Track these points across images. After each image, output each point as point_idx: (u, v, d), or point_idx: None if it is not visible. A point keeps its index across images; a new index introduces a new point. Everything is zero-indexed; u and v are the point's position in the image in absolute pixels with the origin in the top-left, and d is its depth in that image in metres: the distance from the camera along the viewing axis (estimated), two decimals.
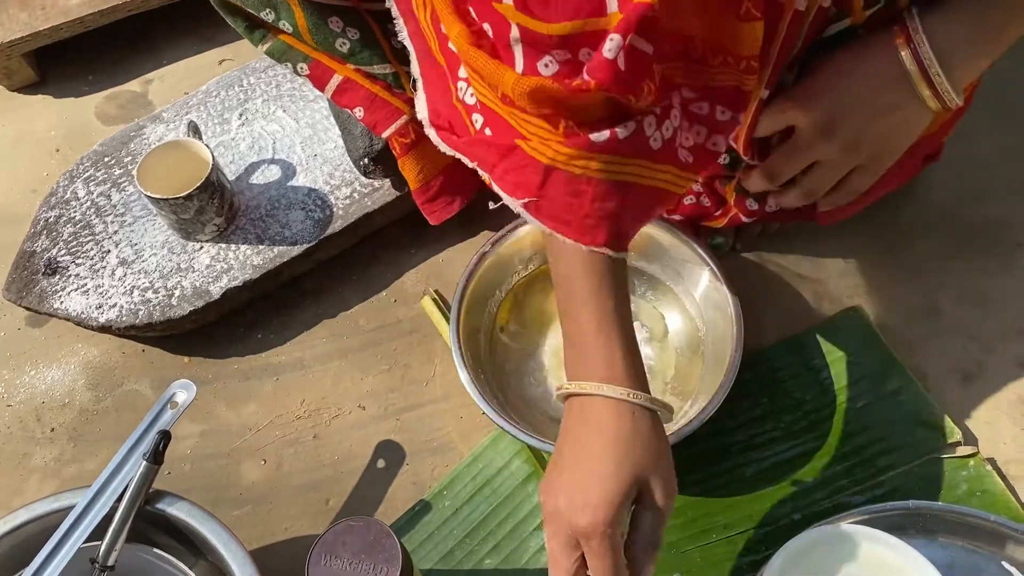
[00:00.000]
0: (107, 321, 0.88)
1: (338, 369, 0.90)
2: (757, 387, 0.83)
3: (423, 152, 0.87)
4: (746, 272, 0.91)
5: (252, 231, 0.92)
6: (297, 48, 0.83)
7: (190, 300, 0.88)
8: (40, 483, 0.86)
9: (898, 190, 0.84)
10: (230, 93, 1.02)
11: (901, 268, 0.91)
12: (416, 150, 0.87)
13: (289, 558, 0.79)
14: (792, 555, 0.66)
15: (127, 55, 1.17)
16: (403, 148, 0.86)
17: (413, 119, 0.87)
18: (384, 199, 0.93)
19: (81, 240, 0.93)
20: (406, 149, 0.87)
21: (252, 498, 0.83)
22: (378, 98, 0.84)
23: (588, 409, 0.59)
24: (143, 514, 0.70)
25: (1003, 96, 1.02)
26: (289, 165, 0.96)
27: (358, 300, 0.94)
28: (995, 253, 0.91)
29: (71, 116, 1.12)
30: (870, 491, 0.78)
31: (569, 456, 0.59)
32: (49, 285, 0.90)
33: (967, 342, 0.86)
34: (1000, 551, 0.71)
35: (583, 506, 0.56)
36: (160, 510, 0.70)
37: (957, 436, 0.79)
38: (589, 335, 0.59)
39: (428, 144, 0.89)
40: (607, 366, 0.59)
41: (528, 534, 0.78)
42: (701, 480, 0.80)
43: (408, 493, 0.82)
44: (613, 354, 0.59)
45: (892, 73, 0.64)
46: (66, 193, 0.96)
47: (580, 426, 0.59)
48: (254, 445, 0.86)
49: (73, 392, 0.91)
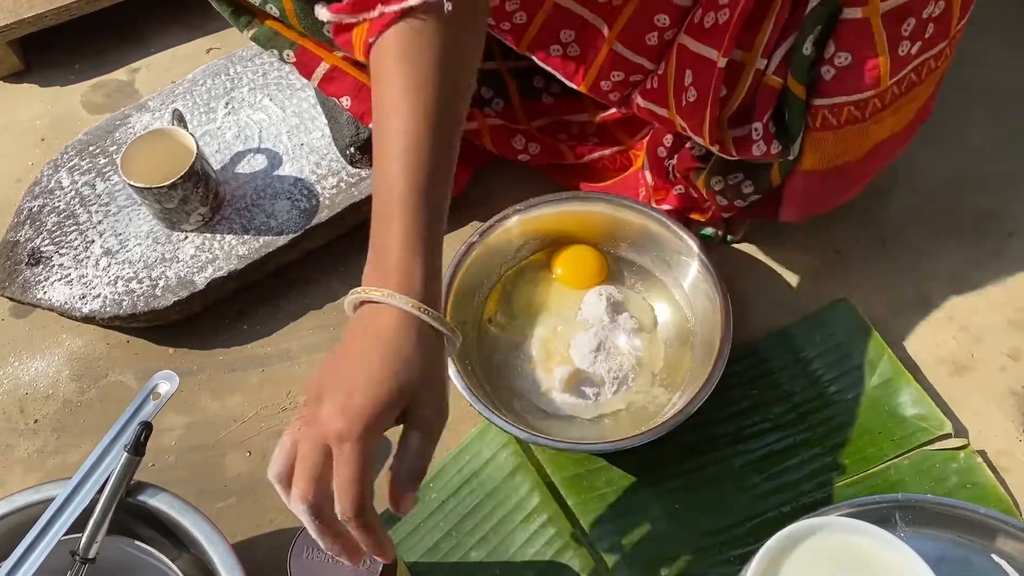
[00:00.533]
0: (91, 311, 0.87)
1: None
2: (746, 378, 0.83)
3: None
4: (736, 263, 0.90)
5: (237, 221, 0.91)
6: (284, 35, 0.82)
7: (175, 290, 0.88)
8: (23, 475, 0.85)
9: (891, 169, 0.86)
10: (216, 82, 1.01)
11: (892, 258, 0.90)
12: None
13: (273, 550, 0.78)
14: (780, 548, 0.66)
15: (114, 43, 1.16)
16: None
17: None
18: (371, 188, 0.92)
19: (65, 230, 0.92)
20: None
21: (237, 490, 0.82)
22: (365, 87, 0.83)
23: (376, 316, 0.56)
24: (125, 506, 0.69)
25: (995, 86, 1.01)
26: (275, 154, 0.95)
27: (345, 290, 0.91)
28: (986, 243, 0.91)
29: (56, 105, 1.11)
30: (859, 483, 0.77)
31: (343, 359, 0.56)
32: (32, 275, 0.89)
33: (958, 333, 0.85)
34: (990, 543, 0.70)
35: (344, 408, 0.52)
36: (142, 502, 0.70)
37: (947, 428, 0.78)
38: (395, 246, 0.57)
39: None
40: (405, 278, 0.56)
41: (515, 527, 0.77)
42: (688, 471, 0.79)
43: None
44: (414, 269, 0.57)
45: None
46: (50, 182, 0.95)
47: (362, 332, 0.56)
48: (239, 437, 0.85)
49: (57, 383, 0.90)
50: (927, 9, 0.67)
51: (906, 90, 0.72)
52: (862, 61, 0.68)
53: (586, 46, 0.77)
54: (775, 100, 0.73)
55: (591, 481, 0.79)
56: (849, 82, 0.69)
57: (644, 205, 0.86)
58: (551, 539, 0.77)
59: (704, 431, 0.80)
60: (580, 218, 0.87)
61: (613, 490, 0.79)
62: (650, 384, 0.82)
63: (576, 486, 0.79)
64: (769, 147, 0.74)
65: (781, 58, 0.70)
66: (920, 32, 0.68)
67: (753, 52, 0.70)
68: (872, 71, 0.69)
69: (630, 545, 0.76)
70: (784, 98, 0.72)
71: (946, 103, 0.99)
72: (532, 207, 0.86)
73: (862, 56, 0.68)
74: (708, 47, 0.71)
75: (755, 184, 0.80)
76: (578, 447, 0.77)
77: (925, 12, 0.67)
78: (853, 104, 0.71)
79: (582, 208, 0.87)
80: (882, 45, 0.68)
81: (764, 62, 0.71)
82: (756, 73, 0.71)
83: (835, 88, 0.70)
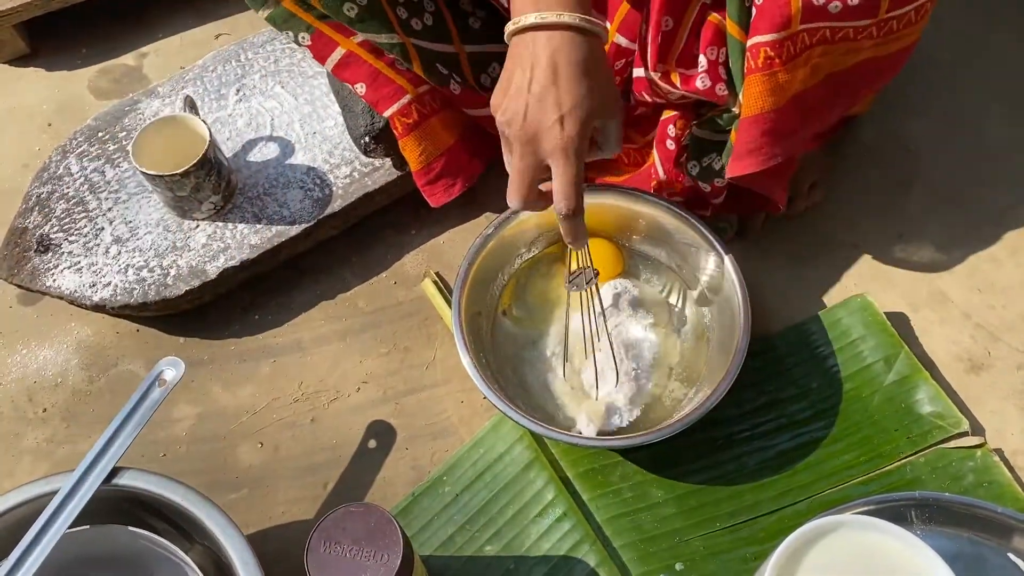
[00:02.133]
0: (101, 300, 0.86)
1: (337, 352, 0.88)
2: (763, 375, 0.82)
3: (425, 133, 0.85)
4: (752, 258, 0.89)
5: (249, 210, 0.90)
6: (300, 16, 0.80)
7: (186, 279, 0.87)
8: (32, 465, 0.84)
9: None
10: (227, 68, 1.00)
11: (909, 254, 0.90)
12: (418, 131, 0.85)
13: (286, 542, 0.78)
14: (796, 545, 0.65)
15: (121, 28, 1.14)
16: (405, 128, 0.84)
17: (417, 99, 0.85)
18: (385, 179, 0.92)
19: (74, 217, 0.91)
20: (408, 129, 0.85)
21: (249, 481, 0.82)
22: (381, 75, 0.82)
23: (549, 41, 0.64)
24: (138, 498, 0.69)
25: (1013, 86, 1.01)
26: (287, 143, 0.94)
27: (357, 282, 0.92)
28: (1004, 241, 0.90)
29: (64, 90, 1.10)
30: (875, 481, 0.77)
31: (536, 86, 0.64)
32: (41, 262, 0.88)
33: (974, 330, 0.85)
34: (1007, 542, 0.70)
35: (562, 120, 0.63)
36: (156, 494, 0.69)
37: (964, 426, 0.78)
38: None
39: (430, 125, 0.87)
40: None
41: (529, 521, 0.77)
42: (704, 469, 0.79)
43: (407, 478, 0.81)
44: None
45: None
46: (59, 168, 0.94)
47: (540, 58, 0.64)
48: (251, 428, 0.85)
49: (66, 372, 0.89)
50: None
51: (818, 42, 0.69)
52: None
53: None
54: (718, 39, 0.72)
55: (606, 476, 0.79)
56: (779, 14, 0.66)
57: (659, 197, 0.85)
58: (566, 534, 0.76)
59: (719, 428, 0.80)
60: (595, 210, 0.86)
61: (628, 485, 0.78)
62: (667, 378, 0.81)
63: (591, 481, 0.79)
64: (715, 86, 0.74)
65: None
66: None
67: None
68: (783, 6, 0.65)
69: (645, 540, 0.76)
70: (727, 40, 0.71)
71: (964, 99, 0.99)
72: None
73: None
74: None
75: (722, 156, 0.79)
76: (593, 442, 0.77)
77: None
78: (791, 38, 0.67)
79: (597, 200, 0.86)
80: None
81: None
82: (701, 7, 0.72)
83: (769, 23, 0.66)
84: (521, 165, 0.66)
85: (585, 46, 0.64)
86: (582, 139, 0.64)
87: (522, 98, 0.64)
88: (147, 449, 0.84)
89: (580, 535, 0.76)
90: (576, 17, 0.63)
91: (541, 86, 0.64)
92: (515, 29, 0.65)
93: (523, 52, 0.65)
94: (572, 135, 0.64)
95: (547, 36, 0.64)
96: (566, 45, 0.64)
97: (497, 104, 0.67)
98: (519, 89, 0.64)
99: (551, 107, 0.64)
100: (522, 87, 0.64)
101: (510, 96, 0.65)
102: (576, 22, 0.63)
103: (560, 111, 0.64)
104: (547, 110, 0.64)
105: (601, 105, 0.65)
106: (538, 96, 0.64)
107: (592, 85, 0.64)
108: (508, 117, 0.65)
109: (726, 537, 0.76)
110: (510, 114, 0.65)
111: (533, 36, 0.64)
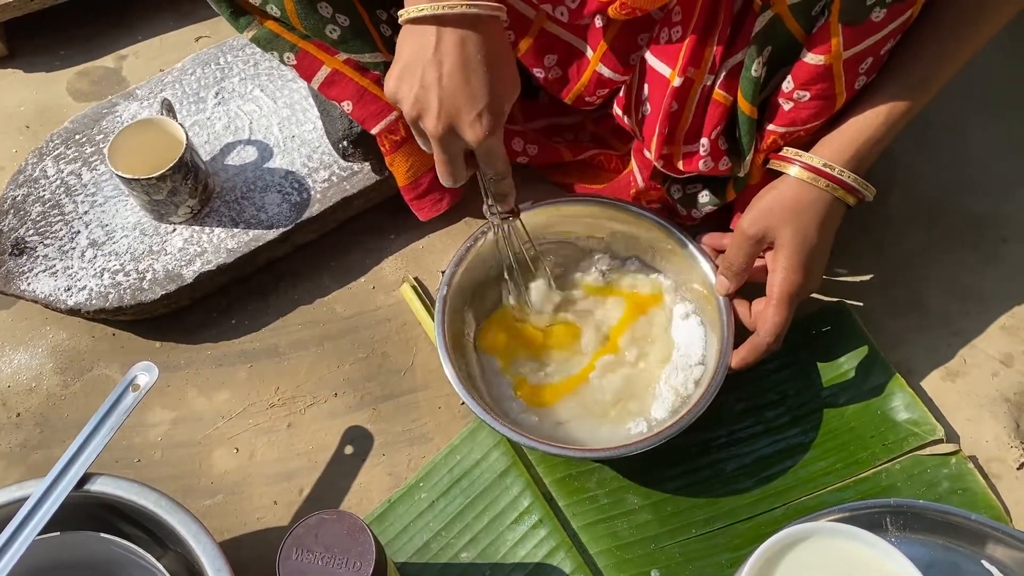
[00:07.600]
0: (76, 304, 0.86)
1: (314, 356, 0.88)
2: (740, 381, 0.82)
3: (413, 149, 0.85)
4: None
5: (227, 214, 0.90)
6: (284, 37, 0.80)
7: (162, 284, 0.86)
8: (5, 470, 0.83)
9: None
10: (206, 71, 1.00)
11: (887, 262, 0.90)
12: (406, 147, 0.85)
13: (260, 548, 0.77)
14: (771, 552, 0.65)
15: (101, 30, 1.14)
16: (392, 145, 0.85)
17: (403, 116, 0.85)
18: (363, 183, 0.91)
19: (50, 220, 0.90)
20: (396, 146, 0.85)
21: (224, 487, 0.81)
22: (368, 92, 0.82)
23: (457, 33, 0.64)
24: (111, 504, 0.68)
25: (992, 92, 1.01)
26: (266, 146, 0.94)
27: (335, 286, 0.92)
28: (980, 248, 0.91)
29: (41, 92, 1.09)
30: (851, 488, 0.77)
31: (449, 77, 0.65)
32: (16, 266, 0.88)
33: (951, 338, 0.85)
34: (980, 550, 0.71)
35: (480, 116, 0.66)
36: (127, 500, 0.68)
37: (939, 433, 0.78)
38: None
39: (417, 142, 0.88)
40: None
41: (505, 528, 0.77)
42: (681, 475, 0.79)
43: (383, 484, 0.80)
44: None
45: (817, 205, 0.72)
46: (35, 171, 0.93)
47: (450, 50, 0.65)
48: (226, 433, 0.84)
49: (40, 376, 0.88)
50: (886, 47, 0.68)
51: None
52: (820, 98, 0.70)
53: (569, 69, 0.80)
54: (724, 117, 0.74)
55: (582, 482, 0.79)
56: (805, 113, 0.71)
57: (638, 206, 0.85)
58: (542, 540, 0.76)
59: (696, 435, 0.80)
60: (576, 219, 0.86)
61: (604, 492, 0.78)
62: None
63: (567, 487, 0.79)
64: (717, 163, 0.76)
65: (729, 74, 0.71)
66: (876, 66, 0.69)
67: (701, 68, 0.72)
68: (829, 106, 0.70)
69: (620, 547, 0.76)
70: (735, 116, 0.74)
71: (944, 108, 1.00)
72: (525, 211, 0.84)
73: (821, 94, 0.70)
74: (663, 63, 0.74)
75: (711, 195, 0.82)
76: (572, 453, 0.76)
77: (883, 49, 0.68)
78: (804, 130, 0.72)
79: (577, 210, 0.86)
80: (840, 86, 0.69)
81: (711, 78, 0.72)
82: (704, 88, 0.73)
83: (791, 118, 0.72)
84: (446, 156, 0.69)
85: (488, 34, 0.65)
86: (500, 125, 0.67)
87: (433, 93, 0.65)
88: (122, 454, 0.83)
89: (556, 542, 0.76)
90: (473, 5, 0.64)
91: (454, 82, 0.65)
92: (410, 19, 0.65)
93: (425, 44, 0.65)
94: (492, 126, 0.66)
95: (451, 31, 0.64)
96: (471, 39, 0.65)
97: (395, 91, 0.68)
98: (429, 84, 0.65)
99: (467, 104, 0.65)
100: (431, 83, 0.65)
101: (420, 89, 0.66)
102: (475, 11, 0.64)
103: (477, 107, 0.66)
104: (463, 107, 0.65)
105: (512, 88, 0.68)
106: (451, 92, 0.65)
107: (500, 73, 0.66)
108: (419, 111, 0.67)
109: (702, 544, 0.76)
110: (421, 108, 0.67)
111: (437, 30, 0.65)
